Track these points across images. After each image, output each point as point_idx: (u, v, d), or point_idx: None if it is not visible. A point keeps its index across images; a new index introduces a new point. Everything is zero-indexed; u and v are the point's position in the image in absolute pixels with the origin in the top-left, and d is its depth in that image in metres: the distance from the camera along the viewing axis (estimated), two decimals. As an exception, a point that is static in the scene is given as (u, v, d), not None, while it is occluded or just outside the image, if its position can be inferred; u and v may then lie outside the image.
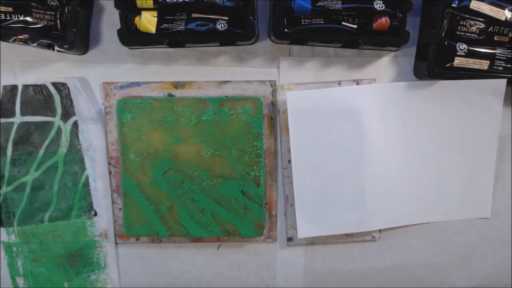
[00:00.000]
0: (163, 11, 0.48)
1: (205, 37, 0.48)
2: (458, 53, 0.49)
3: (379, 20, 0.48)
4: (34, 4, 0.47)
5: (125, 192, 0.53)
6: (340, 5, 0.47)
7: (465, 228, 0.56)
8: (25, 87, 0.52)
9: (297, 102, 0.51)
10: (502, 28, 0.49)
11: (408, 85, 0.52)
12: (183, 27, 0.48)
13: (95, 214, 0.54)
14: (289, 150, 0.53)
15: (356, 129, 0.52)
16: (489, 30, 0.49)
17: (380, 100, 0.52)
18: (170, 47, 0.52)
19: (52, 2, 0.48)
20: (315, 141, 0.52)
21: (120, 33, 0.48)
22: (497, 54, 0.49)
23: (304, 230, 0.53)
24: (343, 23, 0.48)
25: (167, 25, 0.48)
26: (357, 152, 0.52)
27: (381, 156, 0.53)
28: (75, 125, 0.53)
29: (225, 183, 0.53)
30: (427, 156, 0.54)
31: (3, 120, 0.52)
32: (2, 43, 0.51)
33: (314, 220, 0.53)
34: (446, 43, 0.49)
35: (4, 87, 0.52)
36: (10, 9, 0.47)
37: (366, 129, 0.52)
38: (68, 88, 0.52)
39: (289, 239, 0.56)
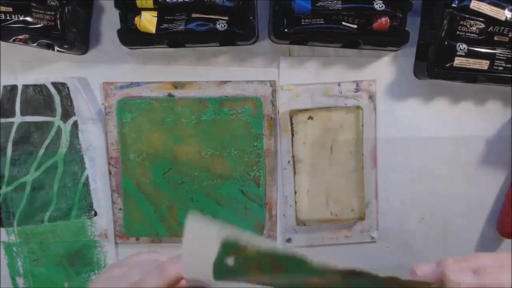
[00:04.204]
0: (163, 11, 0.48)
1: (205, 37, 0.48)
2: (458, 53, 0.49)
3: (379, 20, 0.48)
4: (34, 4, 0.47)
5: (125, 192, 0.53)
6: (340, 5, 0.47)
7: (465, 228, 0.56)
8: (25, 87, 0.52)
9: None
10: (502, 28, 0.49)
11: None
12: (183, 27, 0.48)
13: (95, 214, 0.54)
14: (288, 151, 0.53)
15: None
16: (489, 30, 0.49)
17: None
18: (170, 47, 0.51)
19: (52, 2, 0.48)
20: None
21: (120, 33, 0.48)
22: (497, 54, 0.49)
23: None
24: (343, 23, 0.48)
25: (167, 25, 0.48)
26: (357, 152, 0.52)
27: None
28: (75, 125, 0.53)
29: (225, 183, 0.53)
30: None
31: (3, 120, 0.52)
32: (2, 43, 0.51)
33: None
34: (446, 43, 0.49)
35: (4, 87, 0.52)
36: (10, 9, 0.47)
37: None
38: (68, 88, 0.52)
39: (288, 240, 0.55)
